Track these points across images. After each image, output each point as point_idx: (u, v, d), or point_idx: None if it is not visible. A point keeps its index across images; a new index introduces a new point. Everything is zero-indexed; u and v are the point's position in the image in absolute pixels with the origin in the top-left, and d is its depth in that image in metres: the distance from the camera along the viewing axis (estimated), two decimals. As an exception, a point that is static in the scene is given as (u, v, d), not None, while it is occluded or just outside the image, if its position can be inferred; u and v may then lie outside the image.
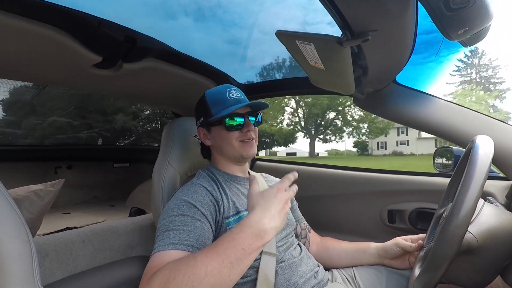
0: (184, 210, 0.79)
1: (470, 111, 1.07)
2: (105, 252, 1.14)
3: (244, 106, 0.93)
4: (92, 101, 4.86)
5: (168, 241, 0.72)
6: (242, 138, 0.94)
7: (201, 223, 0.78)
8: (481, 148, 0.67)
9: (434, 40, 0.91)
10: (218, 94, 0.97)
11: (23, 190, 1.12)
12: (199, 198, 0.83)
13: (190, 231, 0.74)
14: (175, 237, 0.72)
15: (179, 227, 0.75)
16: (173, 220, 0.77)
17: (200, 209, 0.81)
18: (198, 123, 1.02)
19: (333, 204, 1.54)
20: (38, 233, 1.31)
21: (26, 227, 0.58)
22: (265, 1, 6.29)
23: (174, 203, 0.82)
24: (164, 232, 0.74)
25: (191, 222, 0.77)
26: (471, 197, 0.59)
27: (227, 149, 0.95)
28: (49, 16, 0.86)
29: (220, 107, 0.94)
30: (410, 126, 1.16)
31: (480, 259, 0.68)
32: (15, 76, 1.30)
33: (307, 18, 8.90)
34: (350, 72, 0.84)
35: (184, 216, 0.77)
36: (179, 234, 0.73)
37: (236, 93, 0.97)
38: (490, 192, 1.09)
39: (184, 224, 0.76)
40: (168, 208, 0.81)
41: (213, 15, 6.17)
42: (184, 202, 0.81)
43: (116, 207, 2.64)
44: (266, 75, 27.70)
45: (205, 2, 6.56)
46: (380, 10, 0.62)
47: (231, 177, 0.98)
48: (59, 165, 2.67)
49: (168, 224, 0.76)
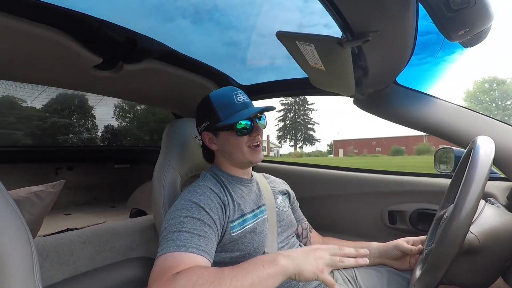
0: (194, 213, 0.78)
1: (471, 111, 1.07)
2: (105, 253, 1.13)
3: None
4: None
5: (180, 242, 0.71)
6: (251, 142, 0.93)
7: (209, 228, 0.78)
8: (482, 148, 0.67)
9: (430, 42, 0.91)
10: (225, 97, 0.94)
11: (23, 191, 1.12)
12: (207, 201, 0.82)
13: (200, 235, 0.74)
14: (185, 239, 0.72)
15: (189, 230, 0.74)
16: (182, 221, 0.76)
17: (209, 212, 0.80)
18: (202, 127, 0.98)
19: (333, 204, 1.54)
20: (39, 234, 1.31)
21: (26, 228, 0.58)
22: (262, 4, 6.22)
23: (182, 204, 0.81)
24: (173, 233, 0.73)
25: (200, 226, 0.76)
26: (472, 197, 0.59)
27: (236, 154, 0.94)
28: (50, 17, 0.86)
29: (229, 112, 0.92)
30: (410, 127, 1.16)
31: (482, 260, 0.68)
32: (15, 77, 1.31)
33: (303, 20, 8.85)
34: (350, 73, 0.84)
35: (193, 219, 0.77)
36: (190, 237, 0.73)
37: (243, 97, 0.96)
38: (491, 193, 1.08)
39: (194, 227, 0.75)
40: (175, 209, 0.80)
41: (210, 18, 6.06)
42: (193, 204, 0.80)
43: (116, 208, 2.63)
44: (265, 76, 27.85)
45: (202, 5, 6.48)
46: (381, 11, 0.62)
47: (235, 178, 0.97)
48: (60, 166, 2.67)
49: (177, 225, 0.75)
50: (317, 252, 0.70)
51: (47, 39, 0.90)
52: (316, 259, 0.68)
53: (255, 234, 0.88)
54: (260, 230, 0.90)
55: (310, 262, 0.67)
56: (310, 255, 0.69)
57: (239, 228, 0.86)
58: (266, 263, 0.65)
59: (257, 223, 0.90)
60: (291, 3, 14.47)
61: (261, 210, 0.95)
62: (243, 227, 0.87)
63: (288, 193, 1.14)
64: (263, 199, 0.99)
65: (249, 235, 0.87)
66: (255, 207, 0.94)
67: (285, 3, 14.45)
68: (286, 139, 60.27)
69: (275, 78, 1.59)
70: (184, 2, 8.48)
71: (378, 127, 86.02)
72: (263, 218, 0.93)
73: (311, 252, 0.70)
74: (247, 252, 0.86)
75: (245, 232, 0.86)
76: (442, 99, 1.10)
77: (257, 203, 0.96)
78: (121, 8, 1.11)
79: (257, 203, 0.96)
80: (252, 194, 0.97)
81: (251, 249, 0.87)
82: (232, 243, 0.85)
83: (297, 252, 0.70)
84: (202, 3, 7.88)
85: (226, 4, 7.57)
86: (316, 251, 0.70)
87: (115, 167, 2.92)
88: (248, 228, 0.87)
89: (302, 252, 0.70)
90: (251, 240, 0.87)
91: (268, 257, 0.68)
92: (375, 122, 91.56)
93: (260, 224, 0.91)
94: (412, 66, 0.95)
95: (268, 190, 1.04)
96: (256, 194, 0.99)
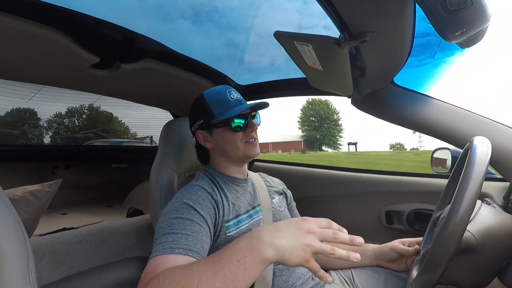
0: (183, 213, 0.77)
1: (468, 112, 1.07)
2: (102, 253, 1.13)
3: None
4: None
5: (167, 245, 0.70)
6: (246, 138, 0.93)
7: (199, 227, 0.77)
8: (479, 149, 0.67)
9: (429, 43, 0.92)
10: (219, 95, 0.95)
11: (19, 191, 1.11)
12: (199, 200, 0.82)
13: (189, 235, 0.73)
14: (173, 241, 0.71)
15: (177, 231, 0.73)
16: (172, 223, 0.75)
17: (200, 211, 0.79)
18: (196, 126, 0.97)
19: (330, 204, 1.55)
20: (35, 234, 1.30)
21: (22, 228, 0.58)
22: (260, 6, 6.32)
23: (173, 206, 0.81)
24: (162, 236, 0.73)
25: (189, 225, 0.75)
26: (469, 197, 0.60)
27: (232, 150, 0.93)
28: (47, 16, 0.86)
29: (223, 108, 0.92)
30: (407, 127, 1.16)
31: (478, 259, 0.68)
32: (12, 76, 1.30)
33: (302, 22, 8.82)
34: (348, 73, 0.84)
35: (182, 219, 0.76)
36: (177, 238, 0.72)
37: (236, 94, 0.96)
38: (487, 193, 1.09)
39: (182, 227, 0.74)
40: (167, 211, 0.80)
41: (210, 19, 6.12)
42: (184, 205, 0.80)
43: (113, 208, 2.63)
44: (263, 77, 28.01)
45: (201, 7, 6.54)
46: (378, 12, 0.62)
47: (230, 178, 0.97)
48: (57, 165, 2.66)
49: (166, 227, 0.75)
50: (307, 238, 0.58)
51: (43, 38, 0.89)
52: (305, 247, 0.57)
53: None
54: None
55: (297, 252, 0.57)
56: (298, 242, 0.57)
57: (234, 229, 0.86)
58: (243, 255, 0.56)
59: (252, 223, 0.90)
60: (290, 4, 14.46)
61: (256, 211, 0.95)
62: (238, 227, 0.87)
63: (285, 193, 1.14)
64: (258, 200, 0.98)
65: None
66: (250, 207, 0.94)
67: (284, 4, 14.55)
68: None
69: (275, 78, 1.59)
70: (183, 3, 8.57)
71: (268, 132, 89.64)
72: (258, 218, 0.93)
73: (300, 238, 0.58)
74: None
75: (240, 233, 0.86)
76: (439, 99, 1.11)
77: (252, 203, 0.96)
78: (118, 7, 1.11)
79: (252, 203, 0.96)
80: (247, 195, 0.97)
81: None
82: (228, 243, 0.84)
83: (284, 237, 0.58)
84: (201, 5, 7.95)
85: (224, 6, 7.64)
86: (306, 237, 0.58)
87: (112, 166, 2.91)
88: (244, 229, 0.87)
89: (289, 238, 0.58)
90: None
91: (246, 246, 0.58)
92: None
93: (256, 225, 0.91)
94: (411, 67, 0.95)
95: (264, 190, 1.04)
96: (251, 195, 0.98)
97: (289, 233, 0.59)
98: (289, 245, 0.57)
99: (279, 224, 0.61)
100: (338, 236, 0.59)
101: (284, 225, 0.60)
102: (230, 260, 0.56)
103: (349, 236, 0.60)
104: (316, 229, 0.59)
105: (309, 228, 0.59)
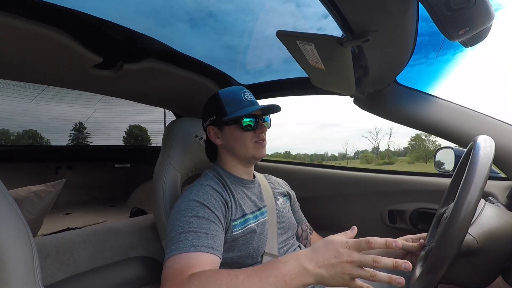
0: (198, 212, 0.79)
1: (471, 111, 1.06)
2: (105, 253, 1.13)
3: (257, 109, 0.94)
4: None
5: (188, 243, 0.71)
6: (255, 139, 0.94)
7: (215, 225, 0.78)
8: (482, 148, 0.67)
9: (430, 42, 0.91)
10: (233, 94, 0.97)
11: (24, 191, 1.12)
12: (211, 200, 0.83)
13: (208, 233, 0.75)
14: (194, 239, 0.72)
15: (196, 229, 0.74)
16: (188, 221, 0.76)
17: (214, 211, 0.81)
18: (208, 122, 0.99)
19: (333, 204, 1.54)
20: (39, 234, 1.31)
21: (27, 228, 0.58)
22: (254, 10, 6.33)
23: (185, 204, 0.81)
24: (180, 234, 0.74)
25: (206, 224, 0.77)
26: (472, 198, 0.59)
27: (240, 149, 0.95)
28: (50, 17, 0.86)
29: (236, 107, 0.94)
30: (410, 126, 1.16)
31: (481, 260, 0.68)
32: (15, 76, 1.31)
33: (297, 24, 8.76)
34: (350, 72, 0.83)
35: (199, 218, 0.77)
36: (197, 236, 0.73)
37: (250, 96, 0.98)
38: (491, 192, 1.08)
39: (201, 226, 0.75)
40: (179, 209, 0.81)
41: (205, 23, 6.14)
42: (197, 203, 0.81)
43: (117, 208, 2.64)
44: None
45: (197, 12, 6.53)
46: (381, 11, 0.62)
47: (237, 179, 0.98)
48: (60, 165, 2.67)
49: (183, 225, 0.75)
50: (345, 268, 0.60)
51: (46, 38, 0.89)
52: (343, 275, 0.60)
53: (256, 235, 0.88)
54: (261, 231, 0.90)
55: (336, 280, 0.61)
56: (337, 269, 0.60)
57: (240, 228, 0.86)
58: (290, 278, 0.60)
59: (257, 224, 0.91)
60: (284, 8, 14.43)
61: (262, 212, 0.95)
62: (245, 226, 0.87)
63: (289, 194, 1.14)
64: (264, 201, 0.99)
65: (250, 235, 0.87)
66: (256, 208, 0.95)
67: (278, 8, 14.53)
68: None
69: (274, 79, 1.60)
70: (179, 9, 8.48)
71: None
72: (263, 219, 0.94)
73: (338, 268, 0.60)
74: (247, 252, 0.87)
75: (246, 232, 0.87)
76: (442, 98, 1.10)
77: (258, 204, 0.97)
78: (121, 7, 1.11)
79: (258, 204, 0.97)
80: (253, 196, 0.98)
81: (251, 250, 0.87)
82: (233, 242, 0.85)
83: (323, 267, 0.61)
84: (196, 10, 7.93)
85: (220, 10, 7.56)
86: (344, 266, 0.60)
87: (115, 166, 2.92)
88: (249, 228, 0.88)
89: (328, 270, 0.60)
90: (251, 240, 0.87)
91: (293, 269, 0.61)
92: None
93: (261, 226, 0.91)
94: (414, 66, 0.95)
95: (269, 191, 1.04)
96: (257, 196, 0.99)
97: (329, 264, 0.61)
98: (328, 275, 0.60)
99: (319, 252, 0.63)
100: (379, 262, 0.60)
101: (324, 255, 0.62)
102: (278, 279, 0.60)
103: (392, 260, 0.61)
104: (355, 257, 0.60)
105: (348, 259, 0.60)
